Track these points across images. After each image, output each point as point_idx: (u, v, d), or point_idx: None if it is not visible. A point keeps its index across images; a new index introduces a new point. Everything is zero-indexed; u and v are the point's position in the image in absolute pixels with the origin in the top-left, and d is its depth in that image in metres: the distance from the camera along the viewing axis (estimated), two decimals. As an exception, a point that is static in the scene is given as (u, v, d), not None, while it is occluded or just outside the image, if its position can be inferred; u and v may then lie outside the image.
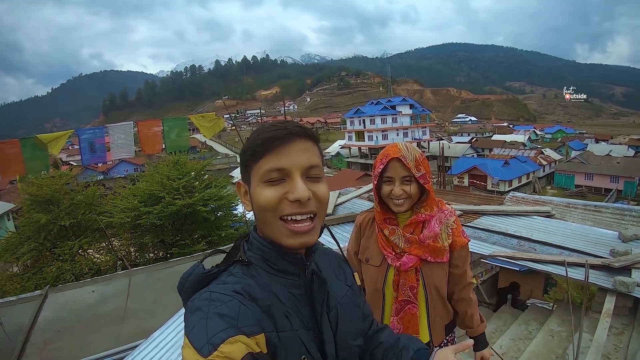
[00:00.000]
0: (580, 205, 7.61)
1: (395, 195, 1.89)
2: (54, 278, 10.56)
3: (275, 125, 1.02)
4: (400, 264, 1.94)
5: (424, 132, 70.34)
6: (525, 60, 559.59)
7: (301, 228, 1.00)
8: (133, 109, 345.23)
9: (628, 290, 4.25)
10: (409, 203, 1.92)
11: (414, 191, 1.89)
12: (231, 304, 0.90)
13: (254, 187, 1.01)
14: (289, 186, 0.99)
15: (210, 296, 0.92)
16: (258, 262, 1.04)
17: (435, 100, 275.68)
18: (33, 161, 7.10)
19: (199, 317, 0.87)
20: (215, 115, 9.78)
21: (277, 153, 0.98)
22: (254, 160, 1.00)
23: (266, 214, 1.00)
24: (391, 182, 1.91)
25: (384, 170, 1.93)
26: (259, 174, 0.99)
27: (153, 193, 12.38)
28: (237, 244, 1.12)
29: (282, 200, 0.98)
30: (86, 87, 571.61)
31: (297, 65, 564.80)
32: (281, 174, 0.98)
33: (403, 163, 1.87)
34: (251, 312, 0.91)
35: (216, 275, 1.01)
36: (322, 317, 1.07)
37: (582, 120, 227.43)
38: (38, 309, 6.20)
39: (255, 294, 0.96)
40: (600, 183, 45.83)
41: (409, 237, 1.95)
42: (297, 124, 1.05)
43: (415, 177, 1.88)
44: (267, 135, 0.99)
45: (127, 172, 48.96)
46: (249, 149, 1.02)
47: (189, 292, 0.99)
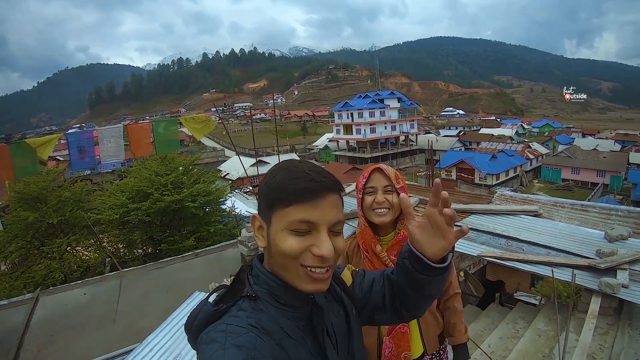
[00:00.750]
0: (567, 204, 7.69)
1: (378, 203, 1.96)
2: (42, 277, 10.47)
3: (310, 175, 1.00)
4: None
5: (411, 125, 70.30)
6: (513, 55, 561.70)
7: (320, 276, 1.01)
8: (120, 102, 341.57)
9: (613, 292, 4.33)
10: (391, 215, 1.97)
11: (396, 201, 1.96)
12: (248, 336, 0.90)
13: (277, 230, 1.00)
14: (314, 239, 0.99)
15: (226, 328, 0.92)
16: (265, 297, 1.04)
17: (423, 93, 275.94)
18: (22, 166, 7.01)
19: (215, 348, 0.86)
20: (204, 111, 9.74)
21: (309, 206, 0.98)
22: (282, 204, 0.98)
23: (287, 260, 0.99)
24: (373, 192, 2.00)
25: (367, 181, 2.03)
26: (286, 221, 0.98)
27: (141, 189, 12.32)
28: (240, 277, 1.11)
29: (305, 251, 0.98)
30: (72, 81, 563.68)
31: (285, 58, 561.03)
32: (309, 226, 0.98)
33: (384, 173, 2.00)
34: (267, 344, 0.92)
35: (225, 311, 1.00)
36: (326, 344, 1.08)
37: (569, 114, 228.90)
38: (30, 312, 6.17)
39: (268, 327, 0.97)
40: (587, 177, 46.15)
41: (393, 260, 1.99)
42: (331, 176, 1.04)
43: (395, 189, 1.97)
44: (303, 186, 0.98)
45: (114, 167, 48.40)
46: (277, 191, 1.00)
47: (198, 330, 0.98)
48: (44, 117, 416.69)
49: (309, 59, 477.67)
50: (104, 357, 4.48)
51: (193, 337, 1.01)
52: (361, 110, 64.04)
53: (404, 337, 2.04)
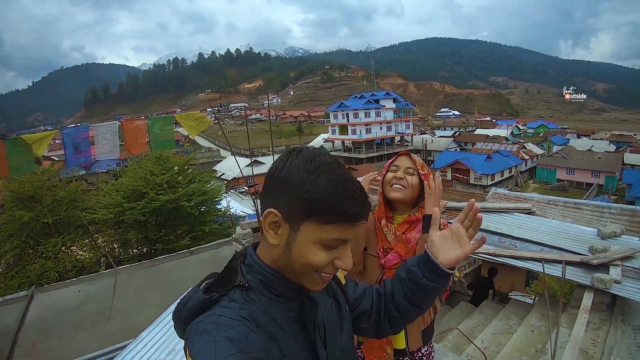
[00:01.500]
0: (560, 202, 7.73)
1: (396, 178, 2.05)
2: (37, 276, 10.44)
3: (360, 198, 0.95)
4: (385, 261, 2.03)
5: (407, 126, 70.36)
6: (508, 56, 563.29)
7: (329, 278, 1.04)
8: (115, 102, 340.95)
9: (606, 287, 4.36)
10: (406, 193, 2.03)
11: (414, 182, 2.04)
12: (240, 329, 0.89)
13: (306, 241, 0.95)
14: (339, 253, 0.99)
15: (217, 320, 0.90)
16: (258, 287, 1.02)
17: (418, 94, 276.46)
18: (17, 162, 6.99)
19: (206, 340, 0.85)
20: (199, 111, 9.74)
21: (350, 228, 0.95)
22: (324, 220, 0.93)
23: (309, 270, 0.98)
24: (396, 169, 2.09)
25: (394, 161, 2.13)
26: (322, 237, 0.94)
27: (136, 188, 12.29)
28: (232, 265, 1.08)
29: (329, 263, 0.99)
30: (68, 80, 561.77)
31: (281, 58, 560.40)
32: (339, 243, 0.97)
33: (411, 157, 2.12)
34: (259, 338, 0.91)
35: (216, 300, 0.97)
36: (315, 337, 1.08)
37: (565, 115, 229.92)
38: (25, 310, 6.17)
39: (260, 320, 0.96)
40: (582, 178, 46.33)
41: (398, 235, 2.04)
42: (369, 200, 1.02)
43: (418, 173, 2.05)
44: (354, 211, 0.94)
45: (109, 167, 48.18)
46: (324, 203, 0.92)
47: (187, 318, 0.96)
48: (39, 117, 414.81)
49: (305, 59, 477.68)
50: (98, 352, 4.49)
51: (181, 325, 0.98)
52: (357, 111, 64.07)
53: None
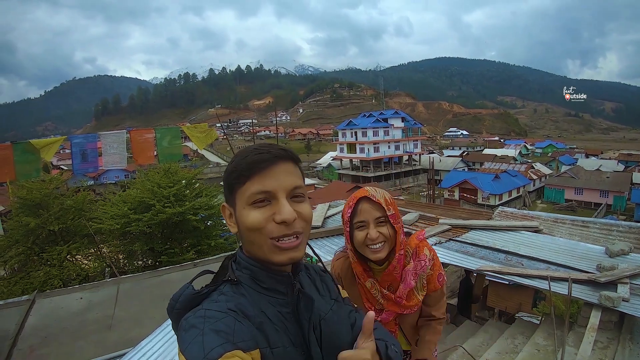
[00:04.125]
0: (568, 220, 7.66)
1: (371, 239, 1.78)
2: (41, 283, 10.45)
3: (258, 149, 1.05)
4: (381, 319, 1.95)
5: (415, 145, 70.60)
6: (516, 75, 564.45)
7: (288, 244, 1.03)
8: (125, 114, 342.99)
9: (613, 305, 4.29)
10: (387, 247, 1.82)
11: (390, 232, 1.80)
12: (226, 320, 0.91)
13: (240, 209, 1.04)
14: (275, 208, 1.02)
15: (205, 314, 0.93)
16: (247, 282, 1.06)
17: (427, 113, 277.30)
18: (24, 166, 7.05)
19: (194, 334, 0.87)
20: (207, 126, 9.78)
21: (262, 176, 1.01)
22: (240, 183, 1.03)
23: (254, 234, 1.02)
24: (364, 226, 1.80)
25: (354, 214, 1.83)
26: (245, 197, 1.02)
27: (143, 200, 12.31)
28: (225, 264, 1.13)
29: (268, 222, 1.01)
30: (79, 91, 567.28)
31: (290, 76, 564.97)
32: (267, 195, 1.02)
33: (373, 201, 1.79)
34: (246, 328, 0.93)
35: (207, 295, 1.02)
36: (310, 334, 1.07)
37: (573, 135, 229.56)
38: (25, 314, 6.16)
39: (248, 312, 0.97)
40: (590, 197, 46.16)
41: (386, 294, 1.93)
42: (280, 147, 1.09)
43: (387, 217, 1.80)
44: (253, 159, 1.02)
45: (117, 178, 48.57)
46: (234, 172, 1.04)
47: (180, 313, 0.99)
48: (50, 126, 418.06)
49: (314, 77, 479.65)
50: (97, 359, 4.46)
51: (175, 320, 1.01)
52: (365, 129, 64.46)
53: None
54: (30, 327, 5.88)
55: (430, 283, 1.97)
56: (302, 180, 1.12)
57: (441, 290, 2.03)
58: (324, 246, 7.65)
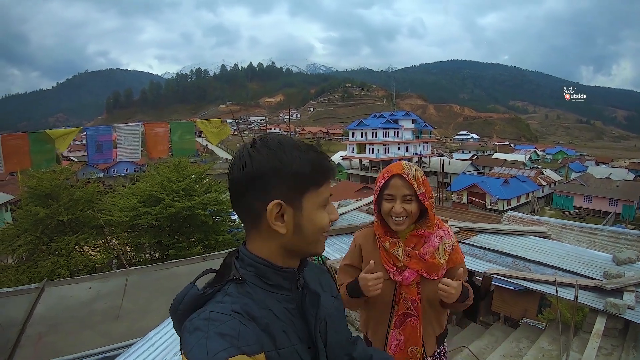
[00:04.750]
0: (576, 227, 7.66)
1: (395, 213, 1.90)
2: (49, 272, 10.53)
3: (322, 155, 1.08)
4: (403, 278, 1.97)
5: (425, 147, 70.44)
6: (529, 80, 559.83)
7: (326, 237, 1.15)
8: (137, 108, 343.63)
9: (619, 312, 4.29)
10: (408, 222, 1.94)
11: (414, 210, 1.90)
12: (231, 323, 0.90)
13: (312, 210, 1.06)
14: (329, 209, 1.12)
15: (209, 316, 0.92)
16: (252, 280, 1.04)
17: (438, 116, 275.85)
18: (39, 155, 7.12)
19: (199, 337, 0.87)
20: (216, 120, 9.81)
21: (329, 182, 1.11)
22: (317, 185, 1.06)
23: (321, 233, 1.11)
24: (392, 199, 1.92)
25: (385, 186, 1.95)
26: (321, 199, 1.08)
27: (153, 194, 12.39)
28: (227, 262, 1.10)
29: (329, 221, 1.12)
30: (91, 84, 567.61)
31: (302, 74, 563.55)
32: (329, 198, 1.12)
33: (405, 180, 1.89)
34: (251, 331, 0.92)
35: (211, 295, 1.00)
36: (315, 329, 1.08)
37: (584, 142, 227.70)
38: (34, 302, 6.24)
39: (254, 313, 0.97)
40: (599, 206, 45.75)
41: (409, 252, 1.98)
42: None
43: (416, 195, 1.89)
44: (329, 167, 1.08)
45: (127, 172, 48.84)
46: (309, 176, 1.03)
47: (184, 314, 0.98)
48: (61, 118, 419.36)
49: (326, 76, 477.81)
50: (104, 348, 4.51)
51: (178, 322, 1.00)
52: (375, 130, 64.37)
53: (414, 331, 2.01)
54: (39, 315, 5.95)
55: (457, 252, 2.08)
56: None
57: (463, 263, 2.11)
58: (332, 244, 7.68)
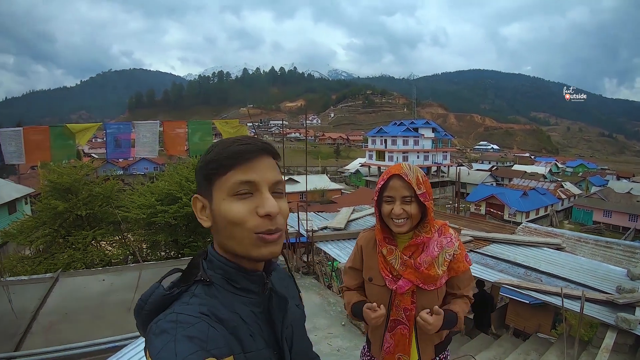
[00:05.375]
0: (591, 240, 7.56)
1: (395, 215, 1.88)
2: (64, 265, 10.64)
3: (240, 140, 1.03)
4: (397, 287, 1.94)
5: (444, 156, 70.08)
6: (551, 92, 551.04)
7: (270, 237, 1.00)
8: (159, 108, 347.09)
9: (630, 327, 4.24)
10: (409, 224, 1.91)
11: (414, 211, 1.88)
12: (199, 326, 0.88)
13: (219, 200, 1.00)
14: (258, 200, 1.00)
15: (176, 318, 0.89)
16: (219, 282, 1.03)
17: (458, 125, 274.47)
18: (59, 149, 7.27)
19: (166, 340, 0.84)
20: (239, 123, 9.90)
21: (246, 167, 0.99)
22: (220, 173, 1.00)
23: (235, 228, 0.99)
24: (391, 201, 1.91)
25: (384, 188, 1.94)
26: (227, 187, 0.99)
27: (171, 193, 12.46)
28: (195, 262, 1.09)
29: (252, 214, 0.99)
30: (114, 83, 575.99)
31: (323, 80, 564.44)
32: (250, 187, 1.00)
33: (404, 180, 1.88)
34: (220, 334, 0.91)
35: (177, 296, 0.98)
36: (282, 334, 1.08)
37: (605, 155, 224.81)
38: (48, 290, 6.36)
39: (221, 315, 0.95)
40: (619, 221, 44.89)
41: (405, 260, 1.95)
42: (261, 140, 1.07)
43: (416, 196, 1.87)
44: (237, 149, 1.00)
45: (146, 170, 49.41)
46: (214, 161, 1.01)
47: (149, 315, 0.96)
48: (84, 115, 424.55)
49: (348, 82, 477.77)
50: (113, 338, 4.57)
51: (142, 322, 0.98)
52: (395, 138, 64.36)
53: (402, 339, 2.00)
54: (52, 304, 6.06)
55: (459, 262, 1.99)
56: (281, 175, 1.10)
57: (469, 271, 2.06)
58: (345, 248, 7.72)
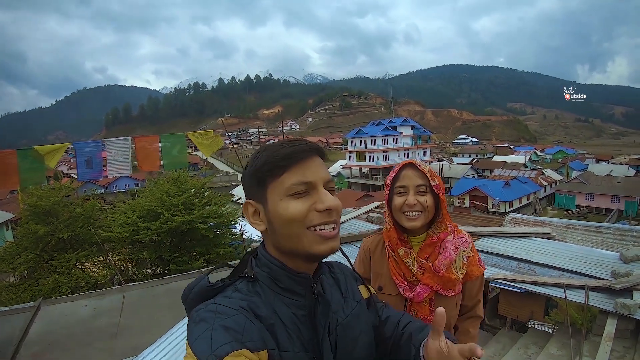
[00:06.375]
0: (580, 226, 7.56)
1: (409, 205, 1.77)
2: (49, 290, 10.50)
3: (291, 142, 1.04)
4: (414, 294, 1.81)
5: (425, 153, 70.49)
6: (525, 82, 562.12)
7: (329, 233, 1.01)
8: (136, 124, 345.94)
9: (630, 313, 4.18)
10: (423, 218, 1.78)
11: (429, 202, 1.77)
12: (237, 318, 0.90)
13: (276, 202, 1.01)
14: (315, 198, 1.01)
15: (216, 308, 0.92)
16: (264, 280, 1.05)
17: (436, 121, 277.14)
18: (29, 173, 7.04)
19: (203, 328, 0.87)
20: (213, 133, 9.76)
21: (301, 167, 1.01)
22: (275, 175, 1.01)
23: (294, 225, 0.99)
24: (404, 193, 1.80)
25: (396, 178, 1.84)
26: (283, 188, 1.00)
27: (152, 209, 12.30)
28: (244, 259, 1.13)
29: (310, 212, 1.00)
30: (90, 101, 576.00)
31: (299, 85, 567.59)
32: (307, 187, 1.01)
33: (418, 169, 1.80)
34: (256, 328, 0.92)
35: (221, 289, 1.01)
36: (324, 340, 1.05)
37: (583, 140, 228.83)
38: (30, 320, 6.15)
39: (260, 312, 0.96)
40: (601, 203, 45.65)
41: (422, 264, 1.82)
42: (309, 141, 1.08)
43: (430, 186, 1.78)
44: (289, 151, 1.01)
45: (127, 187, 48.82)
46: (267, 164, 1.01)
47: (192, 303, 1.00)
48: (61, 135, 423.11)
49: (323, 86, 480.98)
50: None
51: (188, 309, 1.02)
52: (374, 138, 64.53)
53: None
54: (35, 334, 5.88)
55: (473, 265, 1.90)
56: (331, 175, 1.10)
57: (482, 276, 1.97)
58: (332, 256, 7.56)
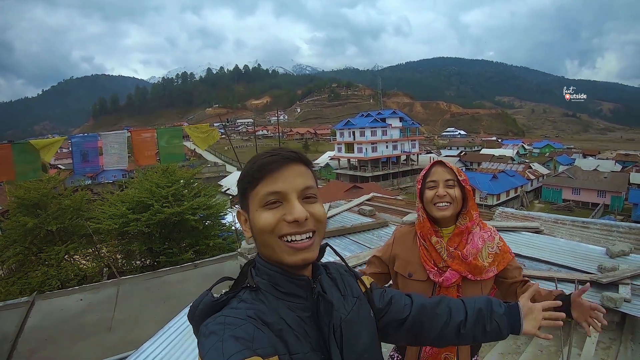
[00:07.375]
0: (568, 221, 7.64)
1: (439, 197, 1.94)
2: (39, 283, 10.43)
3: (268, 152, 1.07)
4: (443, 279, 1.93)
5: (413, 145, 70.49)
6: (514, 76, 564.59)
7: (300, 244, 1.03)
8: (123, 113, 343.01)
9: (616, 306, 4.28)
10: (452, 208, 1.95)
11: (457, 194, 1.94)
12: (246, 327, 0.92)
13: (253, 212, 1.05)
14: (286, 208, 1.03)
15: (224, 320, 0.94)
16: (266, 287, 1.06)
17: (425, 113, 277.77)
18: (24, 166, 6.98)
19: (214, 340, 0.88)
20: (209, 126, 9.70)
21: (272, 178, 1.03)
22: (252, 186, 1.05)
23: (265, 235, 1.03)
24: (434, 186, 1.97)
25: (427, 174, 2.02)
26: (257, 199, 1.04)
27: (142, 200, 12.26)
28: (244, 270, 1.14)
29: (280, 222, 1.02)
30: (77, 90, 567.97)
31: (288, 75, 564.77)
32: (278, 196, 1.03)
33: (446, 166, 1.98)
34: (265, 335, 0.93)
35: (226, 302, 1.03)
36: (330, 338, 1.07)
37: (570, 135, 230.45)
38: (25, 316, 6.13)
39: (267, 319, 0.98)
40: (588, 198, 46.23)
41: (452, 252, 1.95)
42: (290, 149, 1.10)
43: (458, 180, 1.96)
44: (262, 162, 1.04)
45: (115, 178, 48.38)
46: (246, 176, 1.07)
47: (200, 320, 1.00)
48: (47, 126, 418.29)
49: (313, 77, 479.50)
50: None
51: (196, 326, 1.03)
52: (363, 129, 64.35)
53: None
54: (30, 329, 5.86)
55: (505, 252, 2.01)
56: (314, 181, 1.12)
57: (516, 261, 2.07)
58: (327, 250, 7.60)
